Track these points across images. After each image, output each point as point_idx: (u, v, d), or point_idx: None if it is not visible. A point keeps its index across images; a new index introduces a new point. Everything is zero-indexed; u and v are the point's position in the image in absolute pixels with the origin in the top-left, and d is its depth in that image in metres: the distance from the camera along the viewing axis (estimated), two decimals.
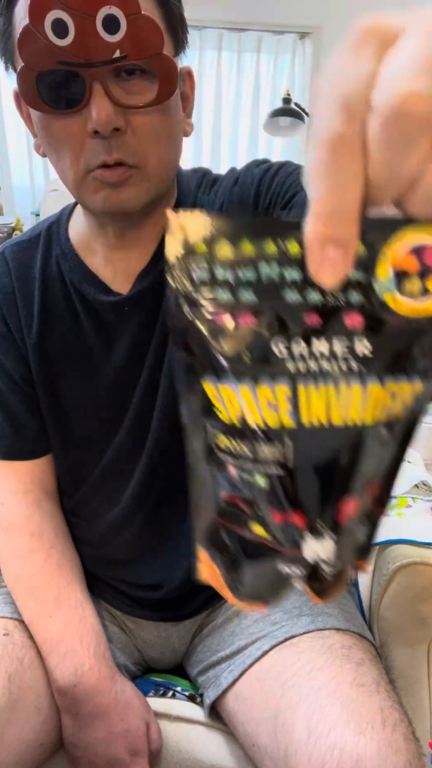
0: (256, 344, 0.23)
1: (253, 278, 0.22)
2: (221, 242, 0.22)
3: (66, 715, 0.61)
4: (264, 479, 0.25)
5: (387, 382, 0.23)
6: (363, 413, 0.24)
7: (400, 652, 0.70)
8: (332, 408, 0.23)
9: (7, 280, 0.67)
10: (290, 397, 0.23)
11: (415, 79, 0.18)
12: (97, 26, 0.46)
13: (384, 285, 0.22)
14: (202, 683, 0.69)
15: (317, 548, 0.26)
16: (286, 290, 0.22)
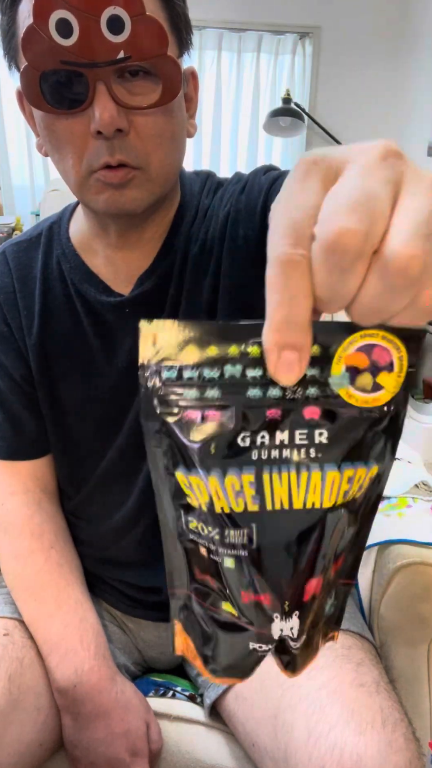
0: (223, 437, 0.25)
1: (218, 377, 0.25)
2: (189, 347, 0.24)
3: (66, 715, 0.61)
4: (232, 561, 0.27)
5: (344, 468, 0.26)
6: (322, 497, 0.26)
7: (400, 652, 0.70)
8: (293, 493, 0.26)
9: (8, 280, 0.67)
10: (254, 484, 0.25)
11: (348, 215, 0.21)
12: (102, 26, 0.46)
13: (338, 380, 0.25)
14: (202, 683, 0.69)
15: (283, 626, 0.28)
16: (248, 387, 0.25)
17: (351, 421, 0.25)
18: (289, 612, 0.27)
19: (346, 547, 0.29)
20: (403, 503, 0.83)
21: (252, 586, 0.27)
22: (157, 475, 0.27)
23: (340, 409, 0.25)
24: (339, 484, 0.26)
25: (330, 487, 0.26)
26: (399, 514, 0.80)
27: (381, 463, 0.27)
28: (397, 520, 0.79)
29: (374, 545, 0.74)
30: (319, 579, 0.27)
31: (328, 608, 0.30)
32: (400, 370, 0.25)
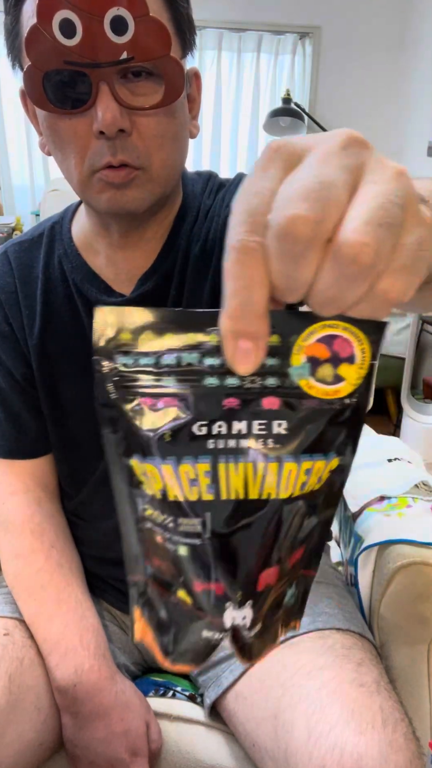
0: (178, 425, 0.25)
1: (175, 365, 0.24)
2: (146, 333, 0.24)
3: (66, 715, 0.61)
4: (186, 549, 0.27)
5: (303, 460, 0.26)
6: (279, 489, 0.26)
7: (400, 652, 0.70)
8: (249, 483, 0.25)
9: (10, 280, 0.67)
10: (210, 473, 0.25)
11: (300, 202, 0.20)
12: (105, 27, 0.46)
13: (298, 371, 0.24)
14: (202, 683, 0.69)
15: (235, 615, 0.27)
16: (206, 376, 0.24)
17: (311, 412, 0.25)
18: (242, 601, 0.27)
19: (305, 539, 0.28)
20: (403, 503, 0.83)
21: (205, 574, 0.27)
22: (112, 461, 0.27)
23: (300, 400, 0.25)
24: (296, 476, 0.26)
25: (287, 479, 0.26)
26: (399, 514, 0.80)
27: (342, 455, 0.27)
28: (397, 520, 0.79)
29: (374, 545, 0.74)
30: (275, 569, 0.27)
31: (288, 598, 0.30)
32: (362, 362, 0.25)
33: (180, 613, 0.28)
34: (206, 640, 0.29)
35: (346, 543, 0.91)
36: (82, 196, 0.57)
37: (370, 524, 0.80)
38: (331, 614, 0.64)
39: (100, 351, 0.25)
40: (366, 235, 0.20)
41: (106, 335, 0.25)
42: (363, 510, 0.85)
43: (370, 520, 0.81)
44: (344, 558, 0.91)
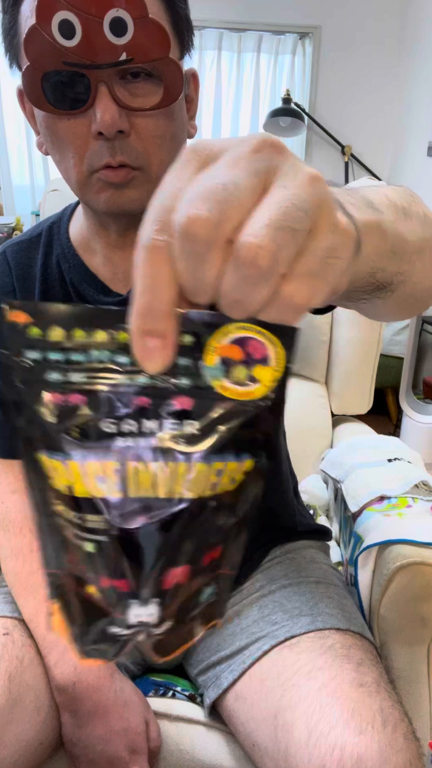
0: (86, 422, 0.25)
1: (84, 361, 0.24)
2: (54, 328, 0.24)
3: (65, 713, 0.61)
4: (92, 545, 0.26)
5: (213, 460, 0.25)
6: (188, 489, 0.25)
7: (400, 652, 0.70)
8: (158, 482, 0.25)
9: (8, 280, 0.67)
10: (118, 471, 0.25)
11: (200, 203, 0.21)
12: (104, 28, 0.46)
13: (211, 371, 0.24)
14: (202, 683, 0.69)
15: (140, 612, 0.27)
16: (116, 374, 0.24)
17: (223, 413, 0.25)
18: (148, 599, 0.27)
19: (222, 539, 0.28)
20: (403, 503, 0.83)
21: (110, 571, 0.27)
22: (22, 454, 0.27)
23: (213, 400, 0.25)
24: (206, 477, 0.25)
25: (197, 479, 0.25)
26: (399, 514, 0.80)
27: (256, 458, 0.26)
28: (397, 520, 0.79)
29: (374, 545, 0.74)
30: (185, 569, 0.27)
31: (205, 596, 0.29)
32: (277, 364, 0.24)
33: (90, 607, 0.28)
34: (113, 636, 0.28)
35: (346, 543, 0.91)
36: (80, 197, 0.57)
37: (370, 524, 0.80)
38: (330, 614, 0.64)
39: (9, 345, 0.24)
40: (264, 238, 0.20)
41: (16, 329, 0.24)
42: (363, 510, 0.85)
43: (370, 520, 0.81)
44: (344, 558, 0.91)
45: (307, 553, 0.75)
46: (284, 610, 0.65)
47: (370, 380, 1.30)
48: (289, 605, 0.66)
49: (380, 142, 3.11)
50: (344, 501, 0.92)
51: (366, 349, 1.27)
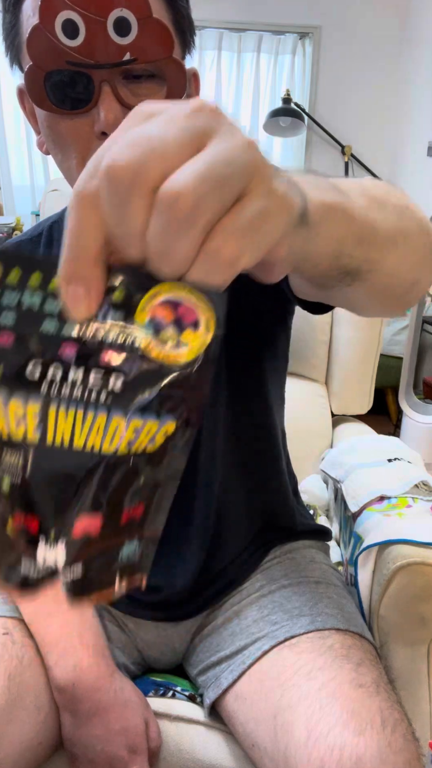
0: (12, 363, 0.25)
1: (15, 304, 0.25)
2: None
3: (65, 713, 0.61)
4: (7, 483, 0.27)
5: (132, 418, 0.26)
6: (103, 442, 0.26)
7: (400, 652, 0.70)
8: (76, 432, 0.26)
9: None
10: (39, 415, 0.25)
11: (123, 149, 0.22)
12: (108, 28, 0.46)
13: (140, 330, 0.25)
14: (202, 683, 0.69)
15: (48, 554, 0.28)
16: (45, 320, 0.25)
17: (148, 372, 0.25)
18: (55, 540, 0.27)
19: (143, 498, 0.28)
20: (403, 503, 0.83)
21: (22, 510, 0.27)
22: None
23: (139, 359, 0.25)
24: (123, 433, 0.26)
25: (113, 434, 0.26)
26: (399, 514, 0.80)
27: (178, 421, 0.27)
28: (397, 520, 0.79)
29: (374, 545, 0.74)
30: (97, 521, 0.27)
31: (127, 552, 0.30)
32: (206, 330, 0.25)
33: (4, 546, 0.29)
34: (24, 577, 0.29)
35: (346, 543, 0.91)
36: None
37: (370, 524, 0.80)
38: (330, 614, 0.64)
39: None
40: (186, 185, 0.21)
41: None
42: (363, 510, 0.85)
43: (370, 520, 0.81)
44: (344, 558, 0.91)
45: (307, 553, 0.75)
46: (284, 610, 0.65)
47: (370, 380, 1.30)
48: (289, 605, 0.66)
49: (380, 142, 3.11)
50: (344, 501, 0.92)
51: (366, 349, 1.26)
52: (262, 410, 0.70)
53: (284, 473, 0.77)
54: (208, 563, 0.70)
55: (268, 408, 0.70)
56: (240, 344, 0.63)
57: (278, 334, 0.69)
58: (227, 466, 0.68)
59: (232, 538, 0.72)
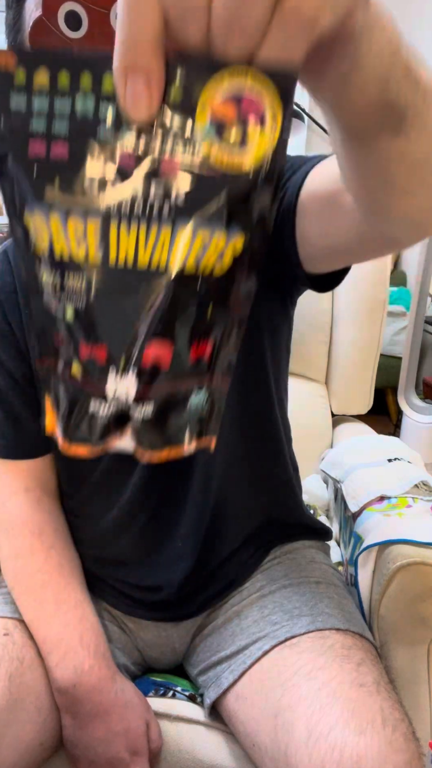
0: (68, 176, 0.23)
1: (68, 111, 0.23)
2: (40, 72, 0.23)
3: (66, 715, 0.61)
4: (71, 311, 0.26)
5: (199, 229, 0.24)
6: (169, 258, 0.24)
7: (400, 652, 0.70)
8: (140, 249, 0.24)
9: (9, 279, 0.67)
10: (99, 233, 0.24)
11: None
12: (111, 19, 0.45)
13: (202, 133, 0.22)
14: (202, 683, 0.69)
15: (118, 384, 0.26)
16: (100, 126, 0.23)
17: (213, 181, 0.23)
18: (125, 369, 0.26)
19: (213, 334, 0.27)
20: (403, 503, 0.83)
21: (89, 338, 0.26)
22: (13, 226, 0.26)
23: (202, 165, 0.23)
24: (190, 247, 0.24)
25: (179, 248, 0.24)
26: (399, 514, 0.80)
27: (248, 234, 0.25)
28: (397, 520, 0.79)
29: (374, 545, 0.74)
30: (167, 349, 0.26)
31: (195, 400, 0.28)
32: (273, 127, 0.22)
33: (74, 389, 0.28)
34: (93, 415, 0.27)
35: (346, 543, 0.91)
36: None
37: (370, 524, 0.80)
38: (330, 614, 0.64)
39: (2, 92, 0.23)
40: None
41: (4, 75, 0.23)
42: (363, 510, 0.85)
43: (370, 520, 0.81)
44: (344, 558, 0.91)
45: (307, 553, 0.75)
46: (284, 610, 0.65)
47: (370, 380, 1.30)
48: (290, 605, 0.66)
49: None
50: (344, 501, 0.92)
51: (366, 349, 1.26)
52: (265, 402, 0.70)
53: (286, 456, 0.76)
54: (206, 558, 0.69)
55: (272, 398, 0.70)
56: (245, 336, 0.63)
57: (281, 324, 0.68)
58: (229, 457, 0.68)
59: (232, 533, 0.71)
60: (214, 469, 0.66)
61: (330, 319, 1.28)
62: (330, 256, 0.55)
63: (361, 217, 0.44)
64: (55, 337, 0.27)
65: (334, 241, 0.51)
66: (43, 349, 0.28)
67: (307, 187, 0.52)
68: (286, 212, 0.54)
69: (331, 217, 0.49)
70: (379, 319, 1.24)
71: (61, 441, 0.29)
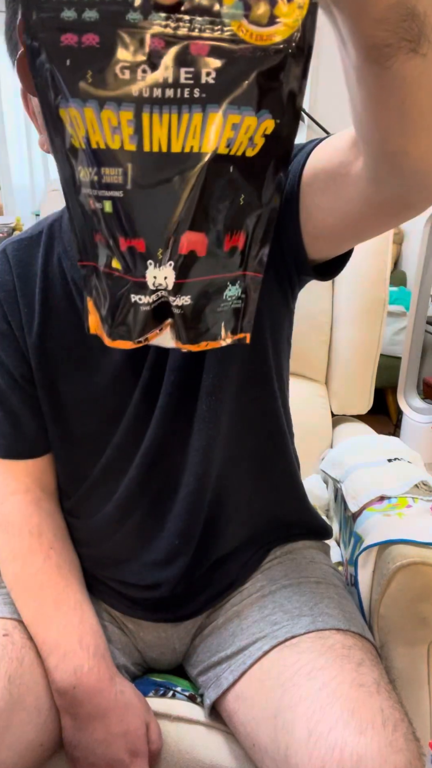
0: (100, 65, 0.23)
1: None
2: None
3: (66, 716, 0.61)
4: (109, 204, 0.26)
5: (229, 112, 0.24)
6: (202, 141, 0.24)
7: (400, 652, 0.70)
8: (173, 135, 0.24)
9: (9, 278, 0.67)
10: (133, 122, 0.24)
11: None
12: None
13: (230, 10, 0.22)
14: (202, 683, 0.69)
15: (157, 274, 0.27)
16: (129, 11, 0.22)
17: (242, 59, 0.23)
18: (163, 260, 0.27)
19: (246, 224, 0.27)
20: (403, 503, 0.83)
21: (128, 230, 0.26)
22: (47, 122, 0.26)
23: (231, 45, 0.23)
24: (221, 129, 0.24)
25: (211, 131, 0.24)
26: (399, 514, 0.80)
27: (278, 116, 0.25)
28: (397, 520, 0.79)
29: (374, 545, 0.74)
30: (201, 236, 0.27)
31: (230, 293, 0.29)
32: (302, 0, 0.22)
33: (114, 283, 0.28)
34: (135, 306, 0.28)
35: (346, 543, 0.91)
36: None
37: (370, 524, 0.80)
38: (331, 614, 0.64)
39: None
40: None
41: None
42: (363, 510, 0.85)
43: (370, 520, 0.81)
44: (344, 558, 0.91)
45: (307, 553, 0.75)
46: (284, 610, 0.65)
47: (370, 380, 1.30)
48: (290, 605, 0.66)
49: None
50: (344, 501, 0.92)
51: (366, 349, 1.26)
52: (268, 395, 0.69)
53: (291, 453, 0.76)
54: (204, 555, 0.69)
55: (275, 392, 0.70)
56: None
57: (283, 318, 0.68)
58: (232, 452, 0.67)
59: (231, 530, 0.71)
60: (212, 463, 0.66)
61: (330, 319, 1.28)
62: (335, 234, 0.55)
63: (370, 175, 0.43)
64: (95, 237, 0.28)
65: (341, 217, 0.51)
66: (84, 250, 0.29)
67: (310, 165, 0.53)
68: (290, 193, 0.54)
69: (337, 189, 0.49)
70: (379, 319, 1.24)
71: (106, 338, 0.30)
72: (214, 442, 0.65)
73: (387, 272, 1.23)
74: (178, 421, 0.65)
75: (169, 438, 0.65)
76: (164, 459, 0.67)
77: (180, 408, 0.64)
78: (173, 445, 0.66)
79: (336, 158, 0.48)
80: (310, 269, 0.59)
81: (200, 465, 0.66)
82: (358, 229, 0.52)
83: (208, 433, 0.64)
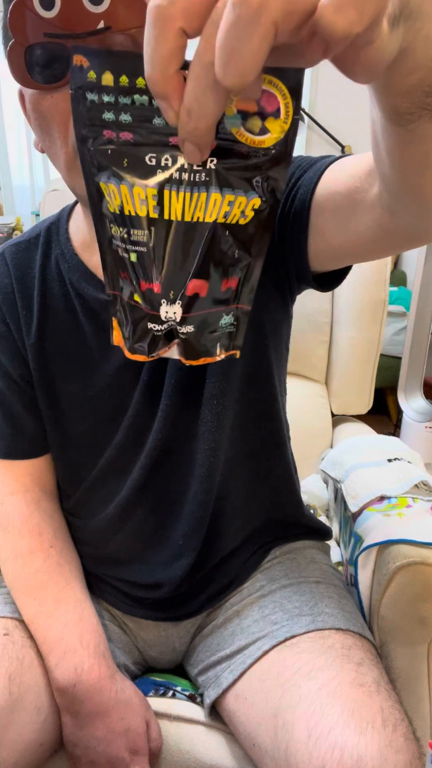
0: (133, 155, 0.32)
1: (130, 104, 0.31)
2: (106, 74, 0.31)
3: (66, 715, 0.61)
4: (135, 255, 0.35)
5: (226, 192, 0.32)
6: (205, 213, 0.33)
7: (400, 652, 0.70)
8: (186, 208, 0.33)
9: (7, 281, 0.67)
10: (156, 196, 0.32)
11: None
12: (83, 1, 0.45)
13: (231, 120, 0.30)
14: (202, 683, 0.69)
15: (168, 309, 0.36)
16: (155, 116, 0.31)
17: (238, 155, 0.31)
18: (173, 299, 0.36)
19: (238, 272, 0.36)
20: (403, 503, 0.83)
21: (148, 276, 0.35)
22: (88, 184, 0.34)
23: (231, 144, 0.31)
24: (220, 205, 0.33)
25: (212, 206, 0.33)
26: (399, 514, 0.80)
27: (262, 196, 0.33)
28: (397, 520, 0.79)
29: (374, 545, 0.74)
30: (203, 282, 0.35)
31: (225, 322, 0.38)
32: (286, 116, 0.30)
33: (134, 312, 0.37)
34: (150, 332, 0.37)
35: (346, 543, 0.91)
36: (69, 183, 0.56)
37: (370, 524, 0.80)
38: (330, 614, 0.64)
39: (77, 89, 0.31)
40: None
41: (80, 72, 0.31)
42: (363, 510, 0.85)
43: (370, 520, 0.81)
44: (344, 558, 0.91)
45: (307, 553, 0.75)
46: (284, 610, 0.65)
47: (370, 380, 1.30)
48: (290, 605, 0.66)
49: None
50: (344, 501, 0.92)
51: (366, 349, 1.26)
52: (268, 398, 0.70)
53: (288, 457, 0.76)
54: (207, 556, 0.69)
55: (274, 396, 0.70)
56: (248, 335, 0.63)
57: (281, 322, 0.68)
58: (232, 454, 0.68)
59: (233, 531, 0.71)
60: (217, 465, 0.66)
61: (330, 319, 1.28)
62: (342, 253, 0.55)
63: (386, 204, 0.44)
64: (121, 274, 0.37)
65: (352, 239, 0.51)
66: (111, 282, 0.38)
67: (323, 184, 0.52)
68: (300, 209, 0.54)
69: (350, 213, 0.49)
70: (379, 319, 1.24)
71: (126, 351, 0.39)
72: (219, 444, 0.65)
73: (387, 272, 1.23)
74: (182, 424, 0.65)
75: (173, 439, 0.65)
76: (168, 460, 0.67)
77: (183, 411, 0.64)
78: (177, 447, 0.66)
79: (352, 184, 0.48)
80: (311, 279, 0.59)
81: (205, 467, 0.66)
82: (367, 250, 0.52)
83: (212, 436, 0.65)
